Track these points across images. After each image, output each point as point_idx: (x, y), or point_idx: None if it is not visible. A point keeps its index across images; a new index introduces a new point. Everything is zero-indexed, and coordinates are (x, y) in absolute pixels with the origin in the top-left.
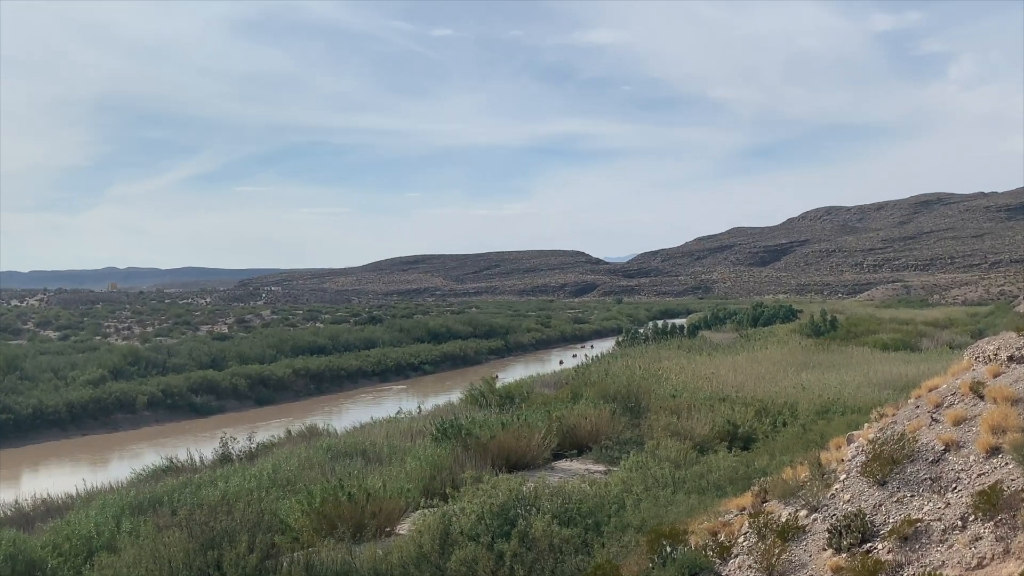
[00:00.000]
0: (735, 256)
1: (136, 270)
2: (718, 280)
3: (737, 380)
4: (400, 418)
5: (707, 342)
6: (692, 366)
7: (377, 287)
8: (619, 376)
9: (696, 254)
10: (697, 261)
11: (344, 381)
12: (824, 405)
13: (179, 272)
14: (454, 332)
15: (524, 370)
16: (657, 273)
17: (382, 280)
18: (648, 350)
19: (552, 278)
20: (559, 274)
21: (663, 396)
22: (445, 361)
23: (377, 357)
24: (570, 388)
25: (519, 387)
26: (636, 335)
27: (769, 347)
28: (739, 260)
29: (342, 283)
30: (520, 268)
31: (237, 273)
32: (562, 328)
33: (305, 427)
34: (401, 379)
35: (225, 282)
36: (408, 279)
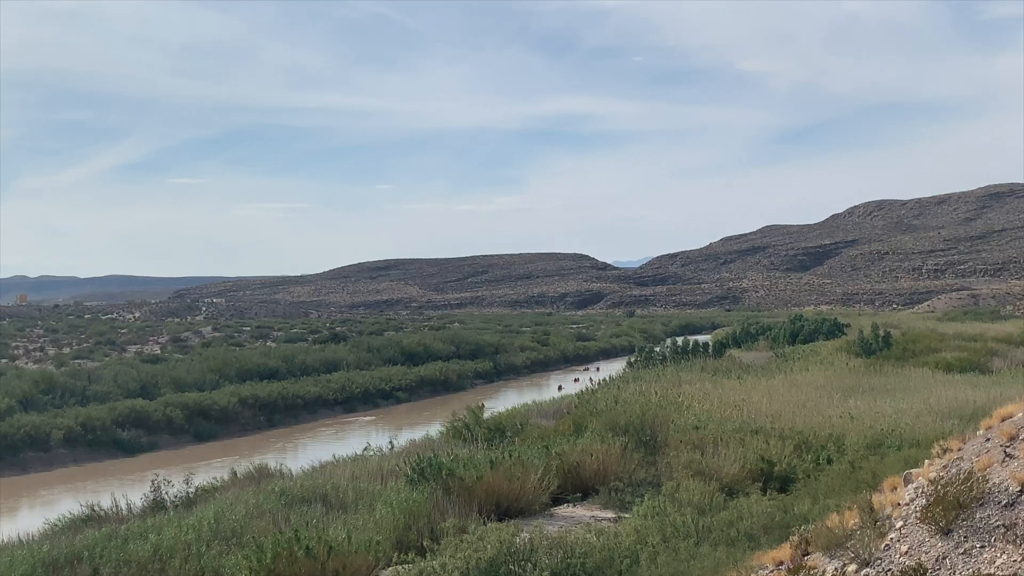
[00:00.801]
0: (769, 260)
1: (50, 279)
2: (748, 288)
3: (772, 408)
4: (368, 455)
5: (736, 363)
6: (718, 392)
7: (340, 298)
8: (631, 404)
9: (722, 257)
10: (723, 266)
11: (301, 411)
12: (877, 438)
13: (102, 281)
14: (433, 352)
15: (517, 397)
16: (676, 280)
17: (347, 290)
18: (666, 373)
19: (550, 286)
20: (559, 282)
21: (684, 428)
22: (422, 387)
23: (340, 382)
24: (572, 419)
25: (511, 418)
26: (651, 355)
27: (810, 369)
28: (773, 264)
29: (298, 294)
30: (512, 275)
31: (172, 282)
32: (563, 347)
33: (254, 467)
34: (369, 409)
35: (157, 293)
36: (378, 288)
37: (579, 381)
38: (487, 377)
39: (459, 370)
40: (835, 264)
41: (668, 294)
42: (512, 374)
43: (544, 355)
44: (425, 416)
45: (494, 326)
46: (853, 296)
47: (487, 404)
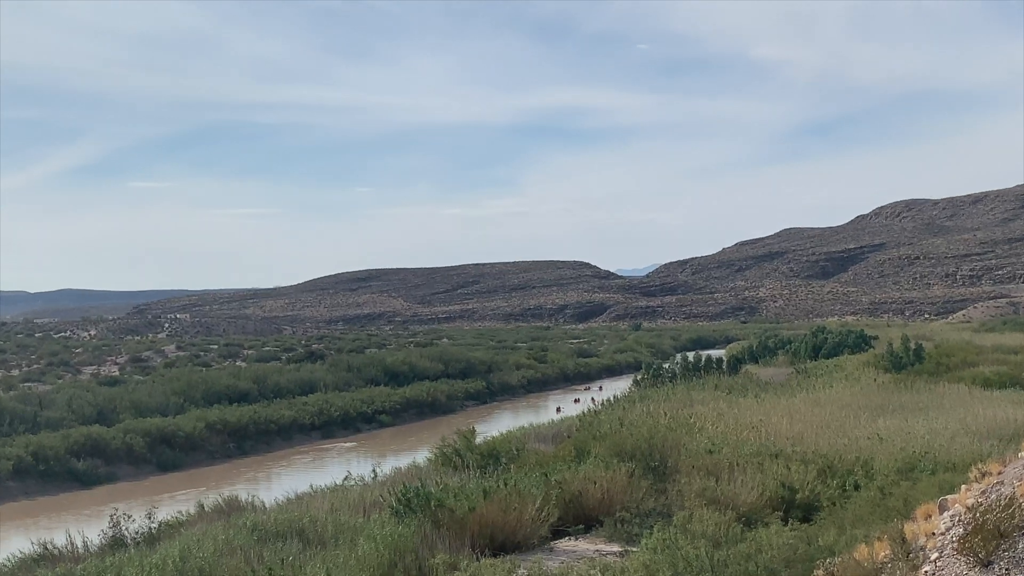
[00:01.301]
0: (788, 266)
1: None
2: (766, 298)
3: (794, 430)
4: (349, 486)
5: (753, 380)
6: (734, 412)
7: (317, 313)
8: (638, 426)
9: (737, 264)
10: (738, 273)
11: (274, 437)
12: (908, 461)
13: (54, 296)
14: (419, 371)
15: (513, 420)
16: (686, 290)
17: (324, 303)
18: (676, 391)
19: (548, 298)
20: (557, 292)
21: (696, 452)
22: (408, 409)
23: (317, 405)
24: (573, 443)
25: (506, 443)
26: (659, 372)
27: (835, 386)
28: (793, 271)
29: (271, 308)
30: (506, 285)
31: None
32: (562, 364)
33: (223, 499)
34: (350, 434)
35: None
36: (358, 301)
37: (580, 402)
38: (479, 398)
39: (448, 391)
40: (861, 270)
41: (677, 305)
42: (507, 394)
43: (542, 373)
44: (411, 441)
45: (486, 342)
46: (881, 305)
47: (479, 428)
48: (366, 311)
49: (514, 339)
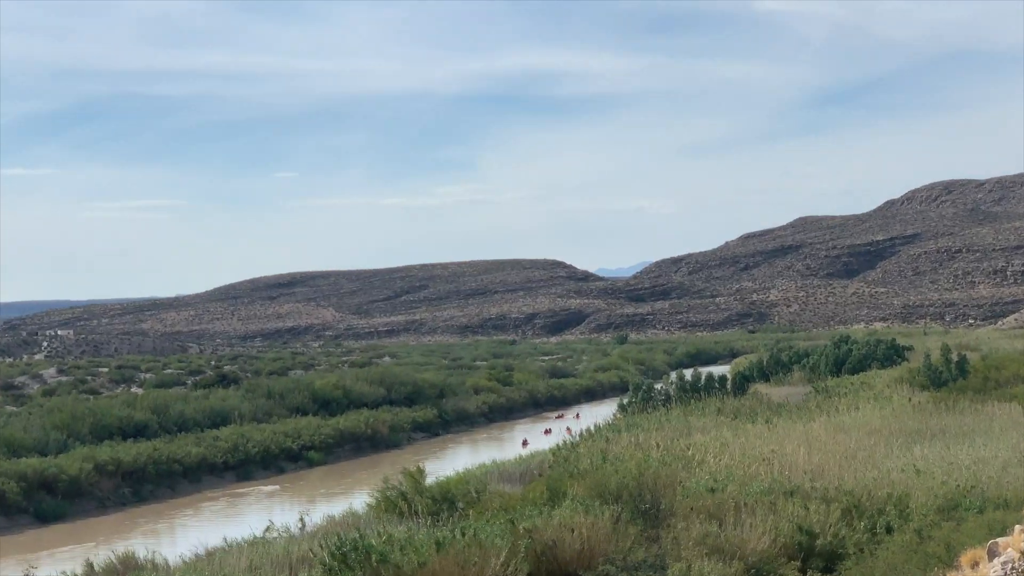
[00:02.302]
0: (804, 263)
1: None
2: (778, 302)
3: (813, 461)
4: (272, 538)
5: (763, 402)
6: (740, 441)
7: (229, 326)
8: (625, 461)
9: (743, 261)
10: (745, 272)
11: (179, 480)
12: (951, 498)
13: None
14: (356, 397)
15: (471, 455)
16: (682, 293)
17: (237, 315)
18: (670, 417)
19: (514, 305)
20: (525, 298)
21: (696, 491)
22: (342, 444)
23: (231, 440)
24: (546, 483)
25: (463, 483)
26: (650, 394)
27: (862, 407)
28: (810, 269)
29: (173, 321)
30: (462, 290)
31: (1, 309)
32: (531, 386)
33: (117, 557)
34: (271, 474)
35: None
36: (279, 312)
37: (551, 433)
38: (429, 429)
39: (391, 421)
40: (891, 267)
41: (671, 312)
42: (463, 424)
43: (506, 398)
44: (347, 483)
45: (438, 360)
46: (916, 309)
47: (430, 465)
48: (289, 324)
49: (472, 356)
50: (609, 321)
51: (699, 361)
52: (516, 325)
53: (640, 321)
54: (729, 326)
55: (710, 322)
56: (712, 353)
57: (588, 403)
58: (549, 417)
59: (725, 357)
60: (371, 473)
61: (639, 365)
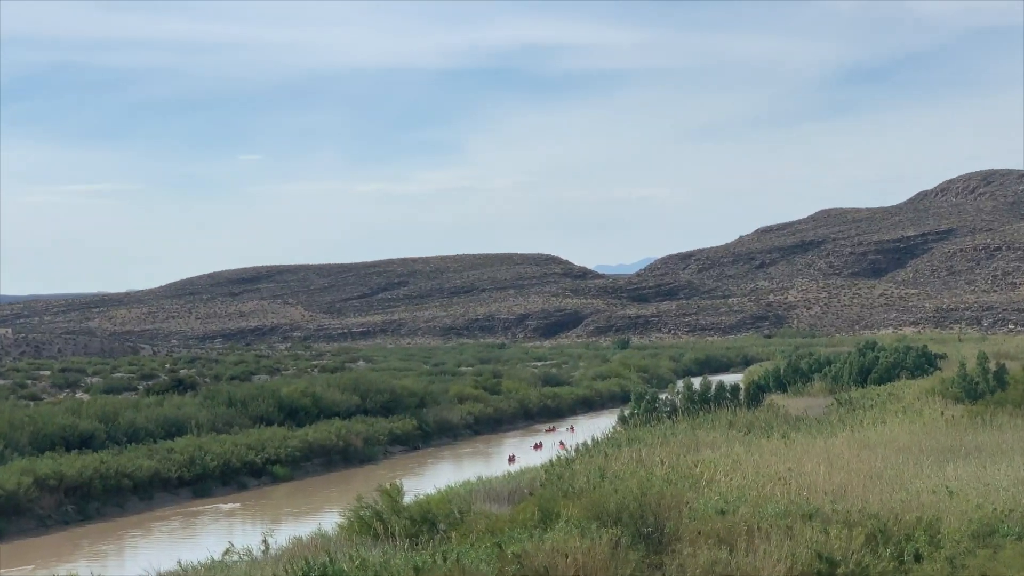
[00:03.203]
0: (826, 260)
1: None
2: (797, 303)
3: (834, 481)
4: (231, 562)
5: (780, 414)
6: (754, 458)
7: (187, 325)
8: (625, 479)
9: (758, 258)
10: (760, 270)
11: (129, 496)
12: (987, 523)
13: None
14: (327, 406)
15: (454, 471)
16: (690, 293)
17: (195, 313)
18: (677, 431)
19: (503, 304)
20: (515, 297)
21: (704, 513)
22: (311, 457)
23: (188, 453)
24: (537, 503)
25: (445, 502)
26: (655, 405)
27: (889, 421)
28: (833, 267)
29: (123, 320)
30: (445, 288)
31: None
32: (522, 395)
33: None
34: (232, 491)
35: None
36: (242, 310)
37: (542, 448)
38: (408, 442)
39: (366, 432)
40: (923, 266)
41: (679, 313)
42: (446, 437)
43: (494, 408)
44: (315, 501)
45: (418, 366)
46: (950, 313)
47: (409, 482)
48: (253, 323)
49: (456, 361)
50: (609, 323)
51: (709, 369)
52: (506, 327)
53: (644, 324)
54: (742, 330)
55: (721, 325)
56: (723, 360)
57: (585, 414)
58: (541, 430)
59: (738, 364)
60: (343, 490)
61: (642, 373)
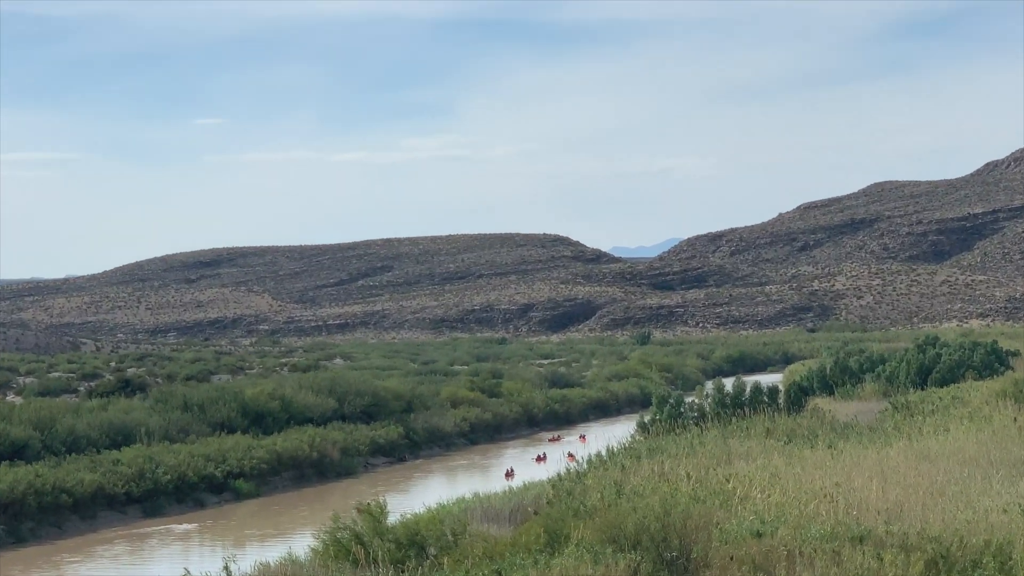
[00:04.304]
0: (879, 242)
1: None
2: (845, 292)
3: (888, 498)
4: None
5: (826, 421)
6: (795, 471)
7: (135, 316)
8: (646, 496)
9: (800, 239)
10: (803, 253)
11: (68, 515)
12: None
13: None
14: (298, 410)
15: (447, 486)
16: (721, 279)
17: (145, 303)
18: (706, 440)
19: (504, 293)
20: (519, 284)
21: (737, 535)
22: (280, 470)
23: (136, 465)
24: (543, 523)
25: (436, 523)
26: (680, 410)
27: (953, 429)
28: (887, 250)
29: (61, 310)
30: (436, 273)
31: None
32: (525, 398)
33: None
34: (187, 509)
35: None
36: (200, 299)
37: (545, 460)
38: (393, 453)
39: (344, 441)
40: (993, 248)
41: (708, 304)
42: (437, 446)
43: (492, 413)
44: (284, 521)
45: (405, 364)
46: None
47: (394, 499)
48: (213, 314)
49: (449, 359)
50: (627, 315)
51: (743, 368)
52: (507, 319)
53: (667, 315)
54: (782, 323)
55: (757, 317)
56: (760, 357)
57: (598, 420)
58: (542, 439)
59: (777, 363)
60: (317, 508)
61: (665, 372)
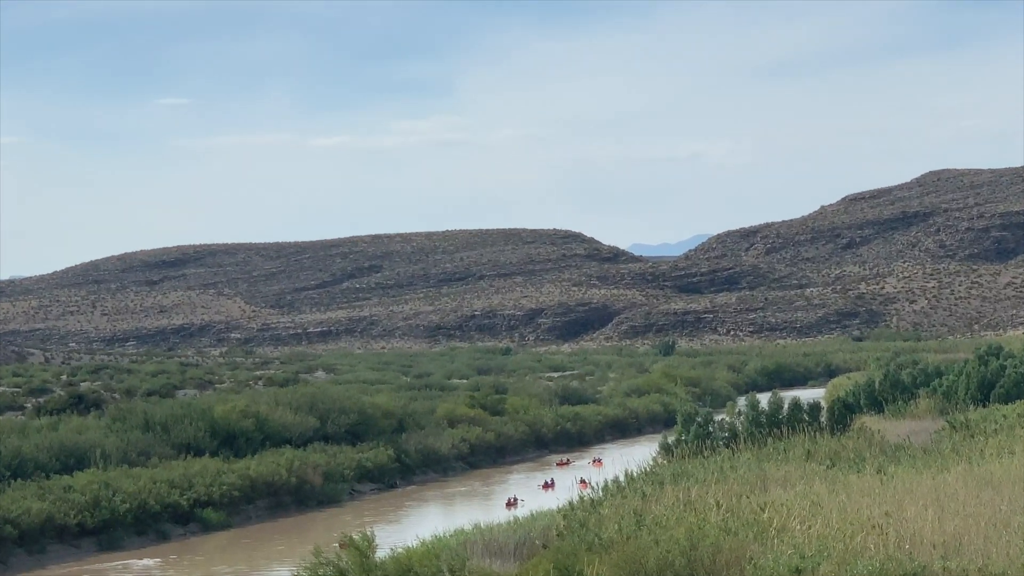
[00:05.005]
0: (935, 239)
1: None
2: (897, 295)
3: (946, 530)
4: None
5: (873, 442)
6: (839, 499)
7: (90, 323)
8: (669, 527)
9: (846, 235)
10: (849, 251)
11: (13, 550)
12: None
13: None
14: (275, 430)
15: (443, 516)
16: (755, 281)
17: (101, 307)
18: (738, 464)
19: (508, 296)
20: (525, 287)
21: (773, 572)
22: (254, 498)
23: (92, 492)
24: (553, 558)
25: (431, 558)
26: (708, 430)
27: (1019, 451)
28: (944, 248)
29: (5, 315)
30: (432, 274)
31: None
32: (533, 417)
33: None
34: (149, 542)
35: None
36: (163, 304)
37: (553, 487)
38: (382, 478)
39: (327, 464)
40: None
41: (740, 309)
42: (432, 471)
43: (496, 433)
44: (260, 556)
45: (396, 378)
46: None
47: (383, 531)
48: (177, 321)
49: (446, 372)
50: (648, 322)
51: (780, 381)
52: (511, 326)
53: (694, 322)
54: (825, 330)
55: (797, 324)
56: (799, 370)
57: (615, 441)
58: (549, 465)
59: (818, 376)
60: (296, 541)
61: (692, 387)
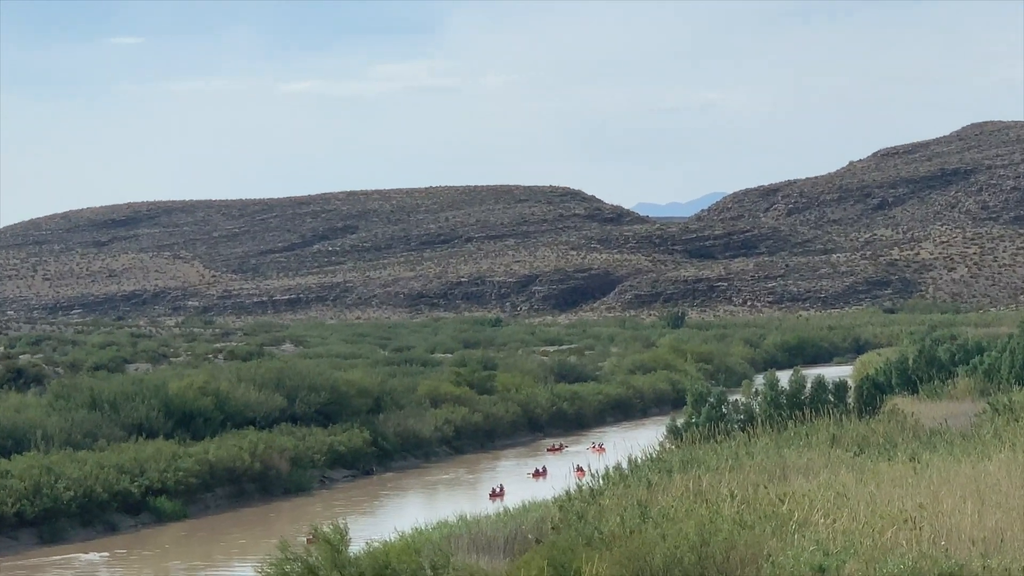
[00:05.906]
0: (976, 200)
1: None
2: (933, 262)
3: (987, 525)
4: None
5: (906, 426)
6: (867, 489)
7: (30, 288)
8: (678, 520)
9: (876, 194)
10: (880, 213)
11: None
12: None
13: None
14: (237, 409)
15: (425, 507)
16: (775, 246)
17: (42, 270)
18: (755, 450)
19: (499, 261)
20: (518, 250)
21: (793, 570)
22: (213, 485)
23: (31, 478)
24: (547, 554)
25: (411, 553)
26: (721, 412)
27: None
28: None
29: None
30: (413, 236)
31: None
32: (525, 396)
33: None
34: (98, 534)
35: None
36: (112, 267)
37: (544, 475)
38: (356, 463)
39: (295, 448)
40: None
41: (758, 276)
42: (413, 456)
43: (484, 414)
44: (220, 550)
45: (372, 352)
46: None
47: (358, 523)
48: (128, 286)
49: (429, 345)
50: (654, 290)
51: (802, 358)
52: (502, 294)
53: (706, 291)
54: (853, 301)
55: (822, 294)
56: (824, 345)
57: (618, 424)
58: (540, 450)
59: (845, 352)
60: (259, 534)
61: (703, 364)
